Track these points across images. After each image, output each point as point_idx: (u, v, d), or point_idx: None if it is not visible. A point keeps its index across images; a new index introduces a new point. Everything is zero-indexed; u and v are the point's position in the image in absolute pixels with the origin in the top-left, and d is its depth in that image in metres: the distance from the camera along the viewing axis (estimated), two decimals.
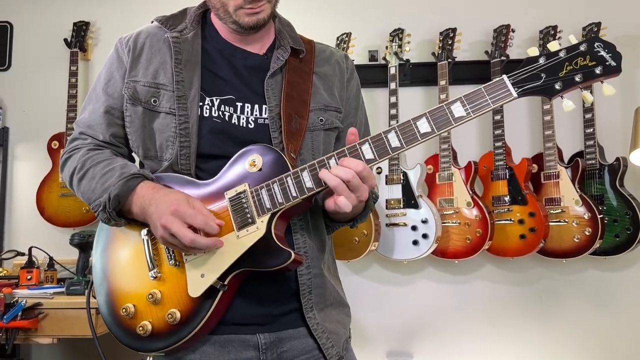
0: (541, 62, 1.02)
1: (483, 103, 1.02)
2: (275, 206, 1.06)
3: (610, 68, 0.99)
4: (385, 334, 2.94)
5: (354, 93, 1.34)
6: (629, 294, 2.85)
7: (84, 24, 3.11)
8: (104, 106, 1.21)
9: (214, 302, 1.06)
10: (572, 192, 2.59)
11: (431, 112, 1.04)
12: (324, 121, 1.23)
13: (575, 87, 1.01)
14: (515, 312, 2.90)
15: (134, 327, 1.09)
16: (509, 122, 2.74)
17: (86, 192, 1.16)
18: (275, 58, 1.23)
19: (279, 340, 1.15)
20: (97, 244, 1.21)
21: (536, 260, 2.85)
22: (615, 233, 2.58)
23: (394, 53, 2.84)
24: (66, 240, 2.47)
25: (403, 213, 2.66)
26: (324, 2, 3.08)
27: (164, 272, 1.11)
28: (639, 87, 2.88)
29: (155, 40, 1.22)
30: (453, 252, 2.67)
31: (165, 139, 1.16)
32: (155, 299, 1.09)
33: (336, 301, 1.26)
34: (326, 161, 1.05)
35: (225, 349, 1.12)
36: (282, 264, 1.04)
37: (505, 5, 3.00)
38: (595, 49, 1.00)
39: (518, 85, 1.01)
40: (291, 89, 1.21)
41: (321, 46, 1.35)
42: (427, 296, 2.94)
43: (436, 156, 2.75)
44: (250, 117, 1.18)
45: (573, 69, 1.00)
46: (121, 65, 1.23)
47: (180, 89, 1.15)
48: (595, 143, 2.66)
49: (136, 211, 1.10)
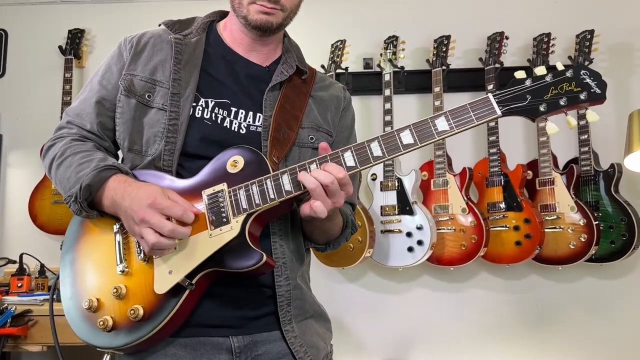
0: (527, 84, 1.05)
1: (467, 119, 1.04)
2: (251, 207, 1.05)
3: (595, 95, 1.02)
4: (381, 343, 2.90)
5: (347, 123, 1.37)
6: (626, 302, 2.83)
7: (79, 31, 3.11)
8: (96, 96, 1.22)
9: (179, 301, 1.04)
10: (568, 198, 2.59)
11: (415, 125, 1.05)
12: (314, 140, 1.25)
13: (560, 111, 1.04)
14: (511, 320, 2.87)
15: (94, 321, 1.07)
16: (504, 128, 2.74)
17: (62, 180, 1.15)
18: (279, 72, 1.26)
19: (253, 344, 1.13)
20: (67, 236, 1.19)
21: (532, 267, 2.83)
22: (611, 239, 2.57)
23: (388, 60, 2.84)
24: (58, 247, 2.44)
25: (398, 219, 2.65)
26: (318, 10, 3.09)
27: (132, 267, 1.09)
28: (632, 94, 2.88)
29: (159, 41, 1.24)
30: (448, 258, 2.65)
31: (154, 134, 1.16)
32: (119, 294, 1.07)
33: (317, 313, 1.24)
34: (307, 165, 1.05)
35: (198, 352, 1.10)
36: (252, 265, 1.02)
37: (499, 14, 3.02)
38: (581, 76, 1.03)
39: (503, 104, 1.04)
40: (286, 102, 1.23)
41: (322, 75, 1.39)
42: (423, 304, 2.92)
43: (431, 162, 2.75)
44: (243, 123, 1.19)
45: (558, 93, 1.03)
46: (120, 59, 1.24)
47: (176, 86, 1.17)
48: (589, 149, 2.66)
49: (107, 204, 1.09)
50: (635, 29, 2.95)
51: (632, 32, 2.94)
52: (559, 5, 3.04)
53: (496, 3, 3.07)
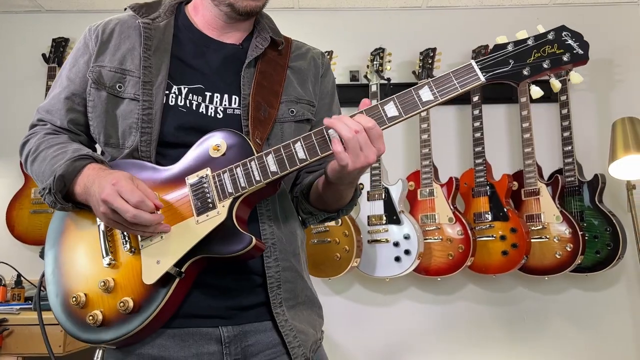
0: (509, 49, 1.03)
1: (451, 87, 1.01)
2: (237, 190, 1.02)
3: (578, 56, 1.00)
4: (366, 356, 2.86)
5: (328, 89, 1.32)
6: (611, 314, 2.84)
7: (63, 40, 3.09)
8: (65, 92, 1.18)
9: (169, 290, 1.01)
10: (553, 208, 2.61)
11: (399, 96, 1.02)
12: (295, 113, 1.21)
13: (544, 74, 1.02)
14: (497, 332, 2.85)
15: (83, 317, 1.04)
16: (489, 139, 2.77)
17: (38, 175, 1.12)
18: (254, 46, 1.21)
19: (243, 334, 1.09)
20: (50, 232, 1.15)
21: (518, 279, 2.83)
22: (596, 249, 2.59)
23: (375, 71, 2.86)
24: (37, 259, 2.37)
25: (385, 229, 2.63)
26: (305, 21, 3.12)
27: (119, 259, 1.06)
28: (613, 107, 2.94)
29: (126, 27, 1.19)
30: (435, 269, 2.64)
31: (128, 126, 1.11)
32: (107, 287, 1.03)
33: (308, 300, 1.20)
34: (292, 145, 1.03)
35: (186, 343, 1.06)
36: (242, 249, 0.99)
37: (483, 28, 3.07)
38: (563, 37, 1.01)
39: (486, 70, 1.01)
40: (263, 79, 1.18)
41: (298, 43, 1.33)
42: (409, 317, 2.89)
43: (417, 172, 2.75)
44: (219, 107, 1.15)
45: (541, 56, 1.01)
46: (86, 51, 1.19)
47: (147, 74, 1.12)
48: (574, 160, 2.69)
49: (79, 191, 1.05)
50: (615, 47, 3.03)
51: (612, 50, 3.02)
52: (540, 22, 3.11)
53: (481, 17, 3.13)
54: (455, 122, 3.02)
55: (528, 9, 3.14)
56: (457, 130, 3.01)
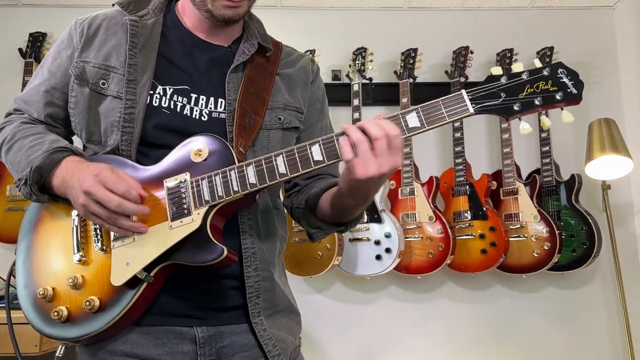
0: (502, 82, 1.00)
1: (439, 116, 0.98)
2: (214, 199, 1.00)
3: (571, 95, 0.98)
4: (347, 354, 2.86)
5: (317, 96, 1.29)
6: (586, 311, 2.90)
7: (41, 34, 3.02)
8: (44, 85, 1.15)
9: (136, 293, 0.99)
10: (531, 207, 2.65)
11: (387, 119, 0.99)
12: (283, 120, 1.18)
13: (535, 111, 1.00)
14: (476, 330, 2.89)
15: (49, 311, 1.02)
16: (469, 139, 2.80)
17: (13, 164, 1.10)
18: (241, 52, 1.19)
19: (218, 335, 1.08)
20: (24, 222, 1.13)
21: (496, 277, 2.87)
22: (572, 248, 2.64)
23: (357, 70, 2.87)
24: (11, 257, 2.31)
25: (366, 227, 2.64)
26: (288, 20, 3.12)
27: (90, 256, 1.05)
28: (590, 110, 3.00)
29: (113, 24, 1.17)
30: (416, 267, 2.66)
31: (110, 124, 1.09)
32: (75, 284, 1.02)
33: (286, 308, 1.19)
34: (274, 158, 1.00)
35: (160, 341, 1.05)
36: (213, 260, 0.97)
37: (463, 31, 3.11)
38: (559, 74, 0.99)
39: (476, 102, 0.99)
40: (250, 84, 1.16)
41: (289, 49, 1.31)
42: (389, 315, 2.91)
43: (398, 172, 2.77)
44: (204, 109, 1.13)
45: (534, 92, 0.99)
46: (70, 44, 1.17)
47: (132, 72, 1.10)
48: (551, 161, 2.74)
49: (57, 184, 1.03)
50: (592, 50, 3.10)
51: (588, 52, 3.09)
52: (519, 25, 3.17)
53: (461, 19, 3.17)
54: None
55: (507, 11, 3.19)
56: (438, 130, 3.04)
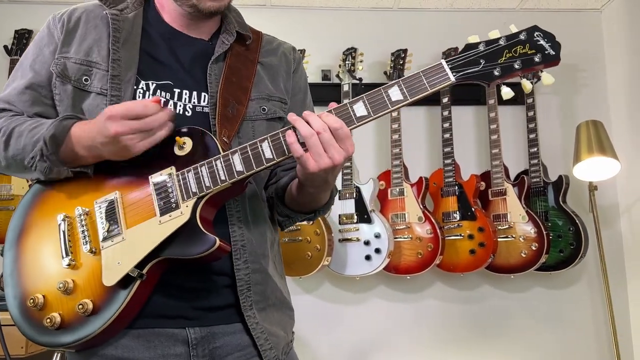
0: (480, 49, 1.01)
1: (420, 86, 0.99)
2: (201, 190, 1.00)
3: (549, 57, 0.99)
4: (337, 354, 2.86)
5: (300, 85, 1.29)
6: (573, 311, 2.93)
7: (27, 31, 2.98)
8: (28, 83, 1.12)
9: (130, 292, 0.98)
10: (519, 208, 2.67)
11: (368, 96, 1.00)
12: (267, 110, 1.18)
13: (515, 75, 1.01)
14: (464, 330, 2.91)
15: (41, 319, 1.00)
16: (458, 140, 2.81)
17: (17, 153, 1.06)
18: (220, 42, 1.18)
19: (211, 336, 1.07)
20: (9, 231, 1.11)
21: (485, 277, 2.89)
22: (560, 248, 2.66)
23: (347, 71, 2.87)
24: None
25: (356, 228, 2.64)
26: (277, 19, 3.11)
27: (79, 259, 1.03)
28: (577, 110, 3.04)
29: (92, 17, 1.14)
30: (405, 267, 2.67)
31: None
32: (66, 289, 1.00)
33: (279, 301, 1.17)
34: (259, 144, 1.00)
35: (151, 344, 1.03)
36: (205, 251, 0.97)
37: (453, 30, 3.12)
38: (535, 38, 0.99)
39: (456, 70, 1.00)
40: (231, 74, 1.15)
41: (269, 37, 1.30)
42: (378, 315, 2.91)
43: (388, 172, 2.77)
44: (188, 104, 1.11)
45: (512, 56, 1.00)
46: (52, 40, 1.13)
47: (116, 67, 1.08)
48: (539, 162, 2.76)
49: (83, 153, 1.02)
50: (579, 52, 3.13)
51: (576, 55, 3.12)
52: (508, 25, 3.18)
53: (451, 20, 3.18)
54: (425, 122, 3.06)
55: (496, 12, 3.20)
56: (427, 131, 3.05)
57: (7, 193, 2.65)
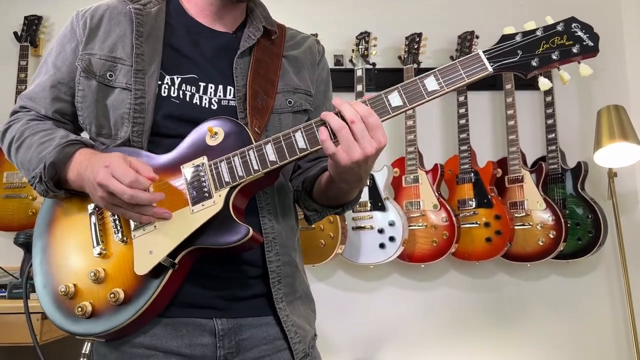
0: (517, 39, 1.01)
1: (457, 77, 0.99)
2: (234, 179, 0.99)
3: (588, 48, 0.98)
4: (349, 343, 2.85)
5: (323, 77, 1.30)
6: (590, 300, 2.88)
7: (36, 18, 2.96)
8: (51, 80, 1.14)
9: (162, 281, 0.98)
10: (536, 195, 2.61)
11: (403, 86, 0.99)
12: (293, 103, 1.18)
13: (552, 65, 1.01)
14: (479, 319, 2.87)
15: (72, 308, 1.01)
16: (474, 126, 2.76)
17: (24, 162, 1.09)
18: (246, 37, 1.18)
19: (238, 327, 1.07)
20: (38, 221, 1.12)
21: (500, 266, 2.85)
22: (578, 236, 2.61)
23: (360, 55, 2.82)
24: (8, 245, 2.28)
25: (370, 216, 2.61)
26: (289, 4, 3.05)
27: (110, 249, 1.03)
28: (595, 96, 2.96)
29: (115, 13, 1.15)
30: (420, 255, 2.63)
31: (120, 116, 1.08)
32: (97, 277, 1.01)
33: (305, 295, 1.19)
34: (292, 134, 0.99)
35: (179, 333, 1.04)
36: (238, 240, 0.97)
37: (469, 14, 3.05)
38: (573, 29, 0.99)
39: (494, 60, 1.00)
40: (259, 67, 1.15)
41: (292, 32, 1.31)
42: (392, 303, 2.88)
43: (402, 159, 2.73)
44: (213, 98, 1.12)
45: (550, 47, 1.00)
46: (74, 37, 1.15)
47: (140, 62, 1.08)
48: (557, 148, 2.71)
49: (72, 178, 1.03)
50: None
51: None
52: (525, 9, 3.11)
53: (467, 3, 3.11)
54: (440, 108, 3.00)
55: None
56: (442, 117, 3.00)
57: (19, 181, 2.65)
